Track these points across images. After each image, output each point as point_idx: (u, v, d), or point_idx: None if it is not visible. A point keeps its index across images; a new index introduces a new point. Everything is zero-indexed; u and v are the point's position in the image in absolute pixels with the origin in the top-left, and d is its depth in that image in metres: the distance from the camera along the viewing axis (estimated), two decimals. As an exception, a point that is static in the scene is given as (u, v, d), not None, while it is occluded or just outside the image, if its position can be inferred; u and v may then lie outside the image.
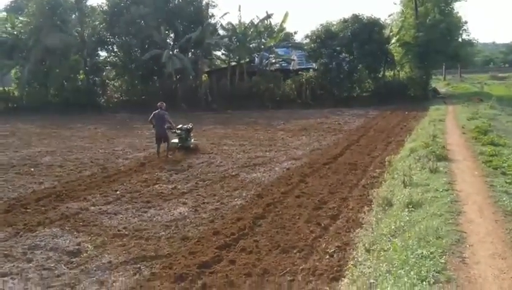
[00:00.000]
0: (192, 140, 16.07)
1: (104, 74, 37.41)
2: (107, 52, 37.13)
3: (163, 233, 7.76)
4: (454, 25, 33.91)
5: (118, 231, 7.93)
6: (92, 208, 9.32)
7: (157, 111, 14.66)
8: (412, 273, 4.74)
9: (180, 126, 15.64)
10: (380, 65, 35.37)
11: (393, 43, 35.66)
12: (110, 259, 6.68)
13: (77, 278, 6.10)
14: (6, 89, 36.71)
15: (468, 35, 35.92)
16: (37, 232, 7.88)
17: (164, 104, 14.94)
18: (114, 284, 5.94)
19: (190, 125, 15.96)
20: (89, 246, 7.22)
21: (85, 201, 9.80)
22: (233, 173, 12.21)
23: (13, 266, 6.54)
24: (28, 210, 9.15)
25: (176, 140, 15.51)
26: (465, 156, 11.19)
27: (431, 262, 4.95)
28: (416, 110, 25.84)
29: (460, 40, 35.18)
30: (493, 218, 6.44)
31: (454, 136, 14.80)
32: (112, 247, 7.16)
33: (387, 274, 4.89)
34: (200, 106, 32.03)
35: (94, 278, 6.09)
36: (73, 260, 6.72)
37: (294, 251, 6.67)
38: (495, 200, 7.22)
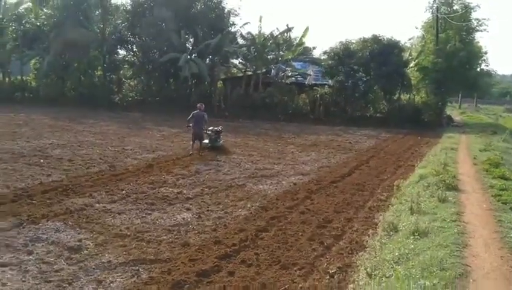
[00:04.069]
0: (221, 141, 17.44)
1: (121, 72, 37.74)
2: (126, 51, 37.51)
3: (164, 237, 7.73)
4: (474, 54, 33.80)
5: (120, 231, 7.92)
6: (97, 205, 9.34)
7: (196, 112, 16.09)
8: (412, 304, 4.67)
9: (211, 128, 17.10)
10: (396, 88, 35.19)
11: (412, 67, 35.57)
12: (110, 259, 6.67)
13: (75, 275, 6.09)
14: (24, 78, 37.16)
15: (487, 66, 35.73)
16: (40, 224, 7.90)
17: (203, 105, 16.54)
18: (111, 284, 5.91)
19: (220, 128, 17.58)
20: (90, 243, 7.22)
21: (90, 197, 9.83)
22: (239, 183, 12.18)
23: (13, 257, 6.54)
24: (33, 201, 9.19)
25: (206, 141, 16.81)
26: (474, 188, 11.06)
27: (433, 294, 4.88)
28: (429, 136, 25.66)
29: (479, 70, 35.01)
30: (499, 254, 6.33)
31: (466, 167, 14.65)
32: (112, 247, 7.15)
33: (388, 302, 4.82)
34: (213, 113, 32.13)
35: (92, 277, 6.08)
36: (73, 256, 6.71)
37: (295, 268, 6.60)
38: (502, 235, 7.11)
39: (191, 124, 16.20)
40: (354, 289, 5.71)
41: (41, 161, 13.37)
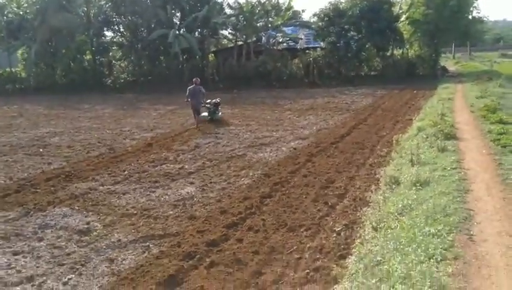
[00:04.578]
0: (220, 113, 17.39)
1: (111, 54, 37.37)
2: (113, 32, 37.12)
3: (171, 212, 7.82)
4: (464, 2, 33.25)
5: (127, 210, 8.01)
6: (101, 187, 9.41)
7: (192, 86, 16.28)
8: (419, 250, 4.75)
9: (208, 101, 17.09)
10: (389, 43, 34.84)
11: (403, 20, 35.10)
12: (120, 237, 6.77)
13: (87, 256, 6.20)
14: (13, 70, 36.77)
15: (479, 13, 35.41)
16: (47, 211, 7.99)
17: (199, 79, 16.79)
18: (124, 262, 6.02)
19: (218, 100, 17.50)
20: (98, 225, 7.31)
21: (93, 181, 9.89)
22: (240, 153, 12.21)
23: (25, 244, 6.65)
24: (37, 190, 9.27)
25: (205, 113, 16.82)
26: (473, 135, 11.10)
27: (438, 240, 4.96)
28: (424, 89, 25.54)
29: (470, 17, 34.60)
30: (501, 196, 6.41)
31: (463, 115, 14.67)
32: (121, 226, 7.24)
33: (395, 252, 4.91)
34: (207, 86, 31.92)
35: (104, 256, 6.19)
36: (83, 238, 6.81)
37: (301, 230, 6.70)
38: (503, 178, 7.18)
39: (189, 99, 16.35)
40: (361, 243, 5.80)
41: (41, 150, 13.41)
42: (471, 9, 34.42)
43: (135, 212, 7.89)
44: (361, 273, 4.79)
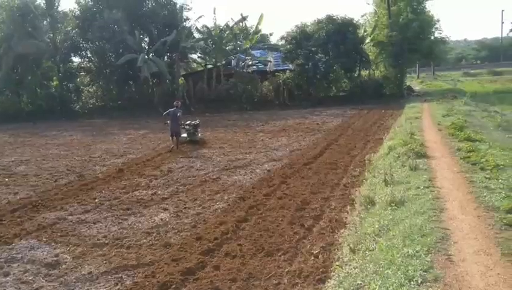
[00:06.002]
0: (199, 134, 17.88)
1: (78, 79, 36.82)
2: (80, 58, 36.71)
3: (144, 240, 7.60)
4: (426, 23, 34.51)
5: (98, 240, 7.73)
6: (70, 217, 9.08)
7: (172, 109, 16.56)
8: (399, 273, 4.71)
9: (188, 122, 17.68)
10: (355, 65, 35.62)
11: (368, 42, 36.09)
12: (91, 270, 6.50)
13: (57, 291, 5.91)
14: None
15: (441, 33, 36.61)
16: (14, 244, 7.64)
17: (180, 102, 17.43)
18: (95, 295, 5.77)
19: (197, 121, 18.10)
20: (68, 257, 7.01)
21: (62, 210, 9.55)
22: (214, 177, 12.08)
23: (-11, 281, 6.31)
24: (3, 222, 8.87)
25: (184, 135, 17.22)
26: (443, 153, 11.29)
27: (417, 261, 4.93)
28: (392, 109, 26.12)
29: (433, 38, 35.79)
30: (475, 214, 6.47)
31: (431, 133, 14.97)
32: (91, 257, 6.97)
33: (374, 275, 4.86)
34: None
35: (74, 291, 5.91)
36: (52, 272, 6.51)
37: (279, 254, 6.61)
38: (476, 195, 7.27)
39: (168, 121, 16.50)
40: (339, 266, 5.73)
41: (6, 179, 12.92)
42: (433, 30, 35.68)
43: (107, 242, 7.62)
44: (342, 297, 4.71)
